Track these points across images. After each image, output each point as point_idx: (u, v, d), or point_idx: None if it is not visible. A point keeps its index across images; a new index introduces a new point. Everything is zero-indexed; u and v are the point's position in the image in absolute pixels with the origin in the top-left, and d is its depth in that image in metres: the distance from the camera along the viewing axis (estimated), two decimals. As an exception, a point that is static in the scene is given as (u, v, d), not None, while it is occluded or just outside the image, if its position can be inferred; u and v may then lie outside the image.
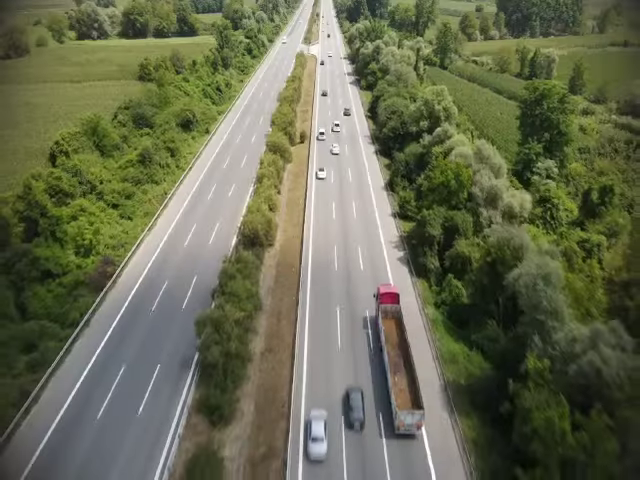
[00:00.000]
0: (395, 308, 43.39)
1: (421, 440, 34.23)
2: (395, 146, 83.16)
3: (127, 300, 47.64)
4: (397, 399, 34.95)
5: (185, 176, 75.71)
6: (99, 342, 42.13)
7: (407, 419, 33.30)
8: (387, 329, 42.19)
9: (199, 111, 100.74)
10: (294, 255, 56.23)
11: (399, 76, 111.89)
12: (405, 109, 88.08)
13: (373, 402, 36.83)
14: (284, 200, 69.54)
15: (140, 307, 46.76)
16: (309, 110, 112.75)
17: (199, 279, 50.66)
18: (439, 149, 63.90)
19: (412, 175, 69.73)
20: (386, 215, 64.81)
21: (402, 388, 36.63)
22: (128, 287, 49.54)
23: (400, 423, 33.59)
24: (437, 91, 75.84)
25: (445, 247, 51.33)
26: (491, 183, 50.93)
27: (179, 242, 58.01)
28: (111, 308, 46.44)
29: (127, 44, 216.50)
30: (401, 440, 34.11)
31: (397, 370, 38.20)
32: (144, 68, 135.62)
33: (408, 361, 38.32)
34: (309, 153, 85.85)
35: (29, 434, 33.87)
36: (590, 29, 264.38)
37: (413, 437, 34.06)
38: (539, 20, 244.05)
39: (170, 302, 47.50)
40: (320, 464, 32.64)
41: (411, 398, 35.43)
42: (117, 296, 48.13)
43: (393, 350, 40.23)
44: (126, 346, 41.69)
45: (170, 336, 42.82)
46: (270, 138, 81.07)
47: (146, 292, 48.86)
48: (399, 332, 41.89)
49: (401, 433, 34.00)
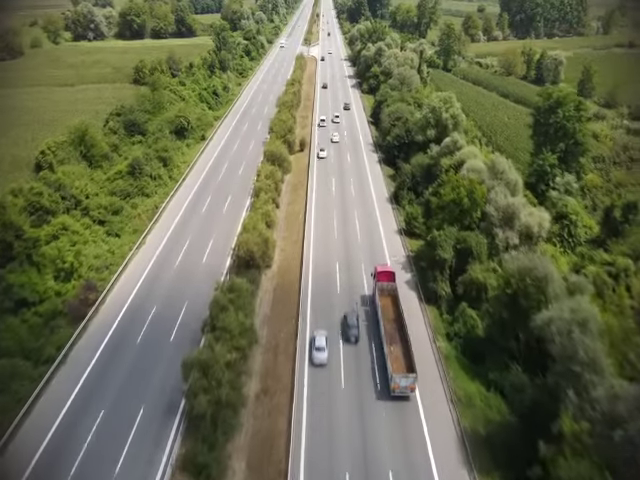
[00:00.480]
0: (391, 286, 46.09)
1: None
2: (400, 155, 78.94)
3: (110, 331, 43.42)
4: (392, 365, 38.13)
5: (178, 188, 71.52)
6: (75, 383, 37.89)
7: (402, 382, 36.58)
8: (384, 305, 44.76)
9: (195, 117, 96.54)
10: (293, 277, 52.02)
11: (402, 80, 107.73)
12: (410, 115, 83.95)
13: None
14: (282, 214, 65.36)
15: (124, 339, 42.55)
16: (309, 116, 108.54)
17: (190, 305, 46.49)
18: (448, 161, 59.71)
19: (419, 188, 65.54)
20: (391, 232, 60.61)
21: (397, 356, 39.61)
22: (111, 316, 45.32)
23: (395, 385, 36.83)
24: (444, 98, 71.62)
25: (457, 271, 47.15)
26: (507, 201, 46.74)
27: (170, 262, 53.82)
28: (91, 341, 42.22)
29: (123, 45, 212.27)
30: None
31: (393, 341, 41.15)
32: (139, 71, 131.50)
33: (403, 333, 41.29)
34: (309, 162, 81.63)
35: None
36: (595, 30, 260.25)
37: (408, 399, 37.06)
38: (543, 21, 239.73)
39: (157, 333, 43.30)
40: (322, 367, 39.91)
41: (405, 364, 38.57)
42: (99, 327, 43.91)
43: (389, 324, 42.99)
44: (106, 388, 37.45)
45: (155, 375, 38.60)
46: (268, 147, 76.89)
47: (131, 321, 44.65)
48: (395, 308, 44.62)
49: (396, 395, 37.08)
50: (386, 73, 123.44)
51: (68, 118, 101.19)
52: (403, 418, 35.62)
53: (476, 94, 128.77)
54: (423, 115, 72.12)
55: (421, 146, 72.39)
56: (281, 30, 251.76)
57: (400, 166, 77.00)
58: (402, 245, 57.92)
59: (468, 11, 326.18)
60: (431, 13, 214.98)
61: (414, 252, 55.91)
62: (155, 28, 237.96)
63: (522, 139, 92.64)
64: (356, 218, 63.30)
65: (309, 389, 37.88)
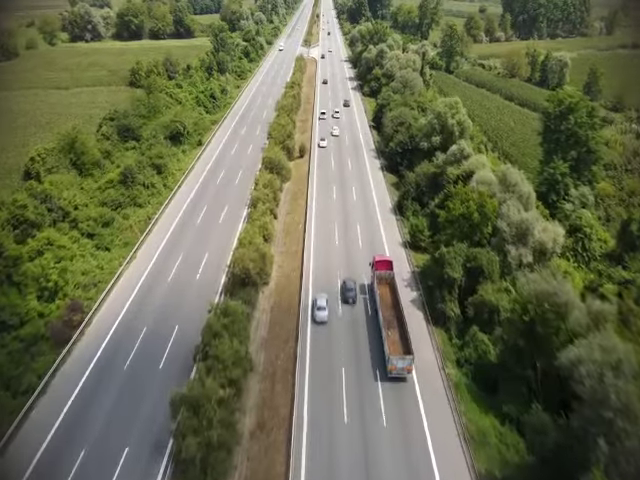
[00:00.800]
0: (389, 274, 47.74)
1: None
2: (403, 162, 76.05)
3: (95, 357, 40.48)
4: (390, 348, 39.54)
5: (172, 197, 68.52)
6: (56, 416, 34.94)
7: (398, 363, 37.99)
8: (382, 293, 46.25)
9: (191, 121, 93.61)
10: (292, 295, 49.09)
11: (405, 83, 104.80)
12: (413, 121, 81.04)
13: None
14: (281, 226, 62.41)
15: (110, 366, 39.60)
16: (309, 119, 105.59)
17: (182, 327, 43.55)
18: (455, 171, 56.77)
19: (424, 198, 62.63)
20: (395, 244, 57.66)
21: (395, 340, 41.23)
22: (98, 339, 42.38)
23: (392, 367, 38.22)
24: (450, 103, 68.69)
25: (467, 291, 44.23)
26: (521, 217, 43.80)
27: (162, 278, 50.87)
28: (75, 368, 39.28)
29: (121, 46, 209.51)
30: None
31: (390, 326, 42.73)
32: (135, 73, 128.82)
33: (400, 319, 42.78)
34: (309, 169, 78.68)
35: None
36: (598, 30, 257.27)
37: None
38: (546, 21, 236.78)
39: (146, 359, 40.35)
40: (323, 324, 44.36)
41: (402, 347, 40.16)
42: (83, 351, 40.98)
43: (387, 310, 44.51)
44: (88, 423, 34.48)
45: (142, 408, 35.63)
46: (266, 153, 73.99)
47: (118, 346, 41.71)
48: (392, 295, 46.19)
49: (393, 376, 38.47)
50: (388, 75, 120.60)
51: (62, 122, 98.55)
52: (411, 458, 32.67)
53: (480, 97, 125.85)
54: (428, 121, 69.19)
55: (426, 153, 69.45)
56: (280, 31, 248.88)
57: (403, 174, 74.38)
58: (407, 259, 54.97)
59: (469, 11, 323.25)
60: (433, 14, 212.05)
61: (419, 267, 53.00)
62: (153, 29, 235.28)
63: (529, 144, 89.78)
64: (358, 230, 60.35)
65: (309, 421, 35.01)
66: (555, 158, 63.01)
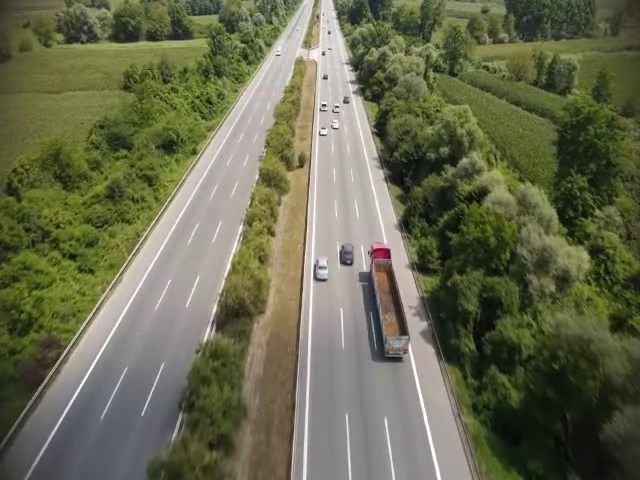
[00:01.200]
0: (387, 262, 49.96)
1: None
2: (408, 173, 71.92)
3: (70, 402, 36.21)
4: (387, 329, 41.23)
5: (163, 212, 64.32)
6: (23, 474, 30.80)
7: (395, 343, 39.60)
8: (379, 279, 48.41)
9: (186, 127, 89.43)
10: (290, 326, 44.88)
11: (409, 87, 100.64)
12: (418, 129, 76.90)
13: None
14: (279, 244, 58.19)
15: (85, 413, 35.33)
16: (309, 125, 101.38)
17: (168, 365, 39.38)
18: (467, 187, 52.54)
19: (432, 214, 58.42)
20: (403, 266, 53.39)
21: (392, 323, 42.84)
22: (74, 379, 38.16)
23: (389, 347, 39.81)
24: (459, 112, 64.51)
25: (483, 324, 40.06)
26: (543, 243, 39.59)
27: (148, 306, 46.66)
28: (46, 415, 35.02)
29: (117, 48, 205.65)
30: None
31: (387, 310, 44.33)
32: (129, 77, 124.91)
33: (397, 303, 44.53)
34: (309, 181, 74.48)
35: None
36: (603, 32, 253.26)
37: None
38: (550, 22, 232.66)
39: (126, 404, 36.09)
40: (324, 281, 50.61)
41: (398, 328, 41.80)
42: (57, 396, 36.68)
43: (385, 295, 46.26)
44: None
45: (120, 468, 31.43)
46: (264, 164, 69.76)
47: (97, 387, 37.48)
48: (390, 281, 48.19)
49: (390, 356, 40.11)
50: (390, 79, 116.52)
51: (51, 129, 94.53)
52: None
53: (486, 101, 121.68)
54: (435, 131, 64.98)
55: (433, 165, 65.25)
56: (280, 32, 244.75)
57: (409, 185, 70.40)
58: (415, 283, 50.77)
59: (471, 12, 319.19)
60: (435, 15, 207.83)
61: (429, 292, 48.83)
62: (150, 30, 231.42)
63: (539, 153, 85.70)
64: (362, 250, 56.10)
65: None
66: (572, 171, 58.79)
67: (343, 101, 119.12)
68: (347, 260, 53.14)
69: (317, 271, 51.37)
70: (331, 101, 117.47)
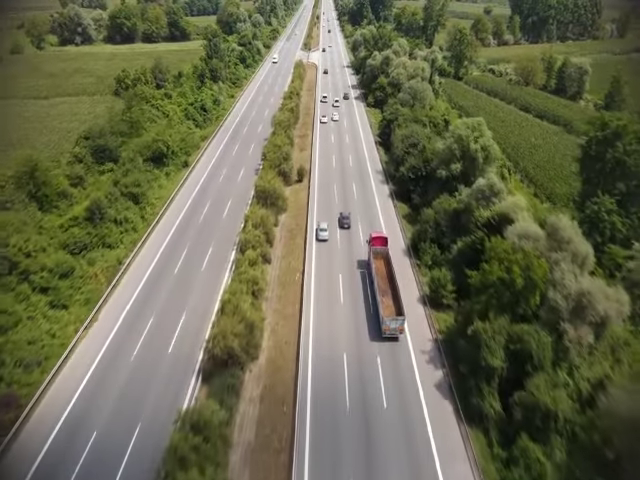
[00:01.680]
0: (384, 249, 51.57)
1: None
2: (416, 190, 66.36)
3: (28, 477, 30.80)
4: (384, 311, 42.87)
5: (149, 234, 58.79)
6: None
7: (391, 324, 41.43)
8: (377, 266, 50.11)
9: (178, 137, 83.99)
10: (286, 377, 39.33)
11: (414, 94, 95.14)
12: (426, 141, 71.39)
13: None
14: (275, 273, 52.65)
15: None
16: (309, 134, 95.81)
17: (144, 429, 33.85)
18: (485, 212, 46.96)
19: (443, 239, 52.86)
20: (413, 301, 47.84)
21: (388, 305, 44.22)
22: (33, 446, 32.63)
23: (386, 327, 41.72)
24: (472, 125, 59.00)
25: (509, 380, 34.54)
26: (580, 287, 34.10)
27: (125, 351, 41.11)
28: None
29: (112, 50, 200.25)
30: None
31: (384, 294, 45.74)
32: (121, 82, 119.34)
33: (394, 288, 45.95)
34: (309, 197, 68.95)
35: None
36: (609, 33, 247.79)
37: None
38: (556, 23, 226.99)
39: None
40: (324, 241, 57.09)
41: (395, 310, 43.30)
42: (12, 469, 31.28)
43: (382, 280, 47.91)
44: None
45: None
46: (260, 182, 64.26)
47: (57, 460, 31.84)
48: (387, 268, 49.76)
49: (387, 336, 42.02)
50: (394, 84, 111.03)
51: (36, 138, 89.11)
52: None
53: (494, 107, 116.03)
54: (447, 146, 59.42)
55: (444, 183, 59.70)
56: (279, 33, 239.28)
57: (417, 203, 65.00)
58: (427, 322, 45.21)
59: (474, 13, 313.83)
60: (438, 16, 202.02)
61: (443, 333, 43.31)
62: (146, 32, 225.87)
63: (555, 166, 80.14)
64: (368, 283, 50.64)
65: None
66: (598, 192, 53.23)
67: (343, 97, 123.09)
68: (344, 225, 60.49)
69: (318, 233, 58.13)
70: (331, 97, 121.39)
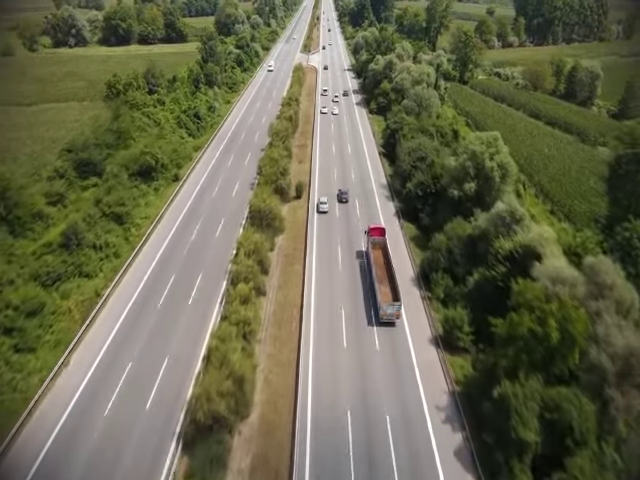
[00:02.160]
0: (382, 240, 52.99)
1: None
2: (425, 209, 61.04)
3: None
4: (382, 297, 44.58)
5: (133, 259, 53.43)
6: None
7: (388, 309, 43.17)
8: (375, 255, 51.47)
9: (170, 148, 78.75)
10: (281, 441, 33.97)
11: (420, 102, 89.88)
12: (435, 154, 66.19)
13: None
14: (270, 308, 47.26)
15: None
16: (308, 144, 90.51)
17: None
18: (506, 244, 41.56)
19: (457, 268, 47.51)
20: (424, 339, 42.55)
21: (385, 292, 45.75)
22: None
23: (383, 313, 43.42)
24: (488, 140, 53.70)
25: (544, 456, 29.21)
26: (628, 342, 28.79)
27: (98, 406, 35.71)
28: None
29: (106, 53, 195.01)
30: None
31: (382, 282, 47.29)
32: (111, 87, 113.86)
33: (391, 277, 47.12)
34: (308, 216, 63.57)
35: None
36: (615, 34, 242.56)
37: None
38: (562, 25, 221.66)
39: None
40: (325, 213, 63.97)
41: (392, 296, 44.75)
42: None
43: (380, 269, 49.35)
44: None
45: None
46: (254, 200, 58.95)
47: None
48: (384, 257, 51.17)
49: (384, 321, 43.63)
50: (398, 90, 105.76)
51: (18, 149, 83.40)
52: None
53: (502, 114, 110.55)
54: (459, 163, 54.10)
55: (456, 204, 54.38)
56: (278, 35, 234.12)
57: (426, 224, 59.69)
58: (442, 369, 39.82)
59: (475, 14, 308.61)
60: (442, 17, 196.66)
61: (460, 384, 37.97)
62: (142, 33, 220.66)
63: (571, 180, 74.69)
64: (372, 312, 45.29)
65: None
66: (630, 216, 47.96)
67: (343, 94, 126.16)
68: (342, 199, 67.13)
69: (319, 206, 64.19)
70: (331, 92, 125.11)
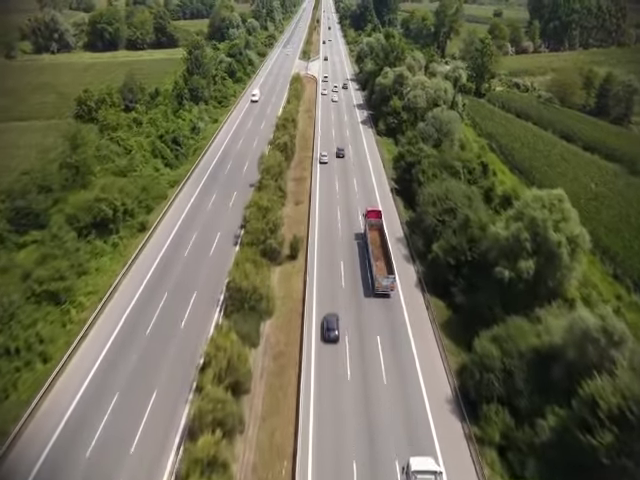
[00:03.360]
0: (378, 222, 57.71)
1: None
2: (458, 281, 46.52)
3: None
4: (377, 271, 48.53)
5: (66, 362, 39.05)
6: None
7: (383, 281, 46.64)
8: (372, 236, 55.75)
9: (139, 186, 64.58)
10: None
11: (439, 126, 75.54)
12: (466, 203, 51.91)
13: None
14: (248, 457, 32.71)
15: None
16: (306, 178, 75.96)
17: None
18: (612, 396, 26.85)
19: (519, 399, 32.94)
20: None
21: (381, 267, 49.83)
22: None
23: (378, 285, 46.93)
24: (550, 202, 39.38)
25: None
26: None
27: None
28: None
29: (90, 59, 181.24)
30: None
31: (378, 259, 51.13)
32: (82, 104, 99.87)
33: (386, 255, 50.99)
34: (305, 288, 49.06)
35: None
36: (634, 38, 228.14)
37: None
38: (579, 29, 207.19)
39: None
40: (325, 164, 78.09)
41: (386, 270, 48.72)
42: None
43: (376, 248, 53.25)
44: None
45: None
46: (235, 273, 44.45)
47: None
48: (380, 237, 55.55)
49: (379, 293, 47.16)
50: (409, 109, 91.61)
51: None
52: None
53: (531, 136, 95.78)
54: (511, 233, 39.66)
55: (508, 287, 39.93)
56: (276, 40, 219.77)
57: (459, 303, 45.31)
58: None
59: (482, 16, 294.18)
60: (452, 21, 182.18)
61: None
62: (131, 38, 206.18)
63: (631, 228, 60.38)
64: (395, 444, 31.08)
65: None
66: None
67: (342, 86, 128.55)
68: (340, 154, 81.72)
69: (320, 158, 78.50)
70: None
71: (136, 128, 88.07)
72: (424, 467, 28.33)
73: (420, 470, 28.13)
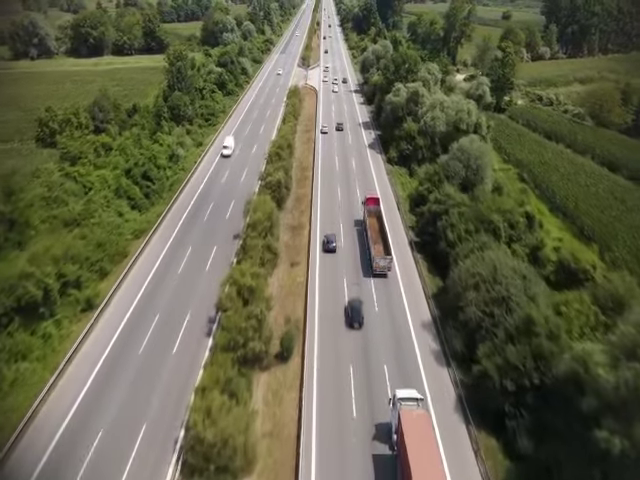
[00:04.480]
0: (377, 208, 60.19)
1: None
2: (518, 421, 32.33)
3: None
4: (375, 252, 51.14)
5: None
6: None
7: (381, 262, 49.54)
8: (370, 222, 58.56)
9: (92, 244, 50.83)
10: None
11: (467, 162, 61.49)
12: (520, 287, 37.89)
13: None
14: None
15: None
16: (305, 225, 61.63)
17: None
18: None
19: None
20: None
21: (379, 250, 52.06)
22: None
23: (376, 265, 49.86)
24: None
25: None
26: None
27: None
28: None
29: (71, 66, 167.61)
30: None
31: (376, 242, 53.46)
32: (44, 125, 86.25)
33: (384, 239, 53.49)
34: (301, 415, 35.00)
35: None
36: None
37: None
38: (598, 33, 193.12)
39: None
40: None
41: (384, 252, 51.19)
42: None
43: (374, 233, 55.85)
44: None
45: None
46: (198, 415, 30.34)
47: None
48: (378, 222, 58.30)
49: (377, 273, 50.02)
50: (425, 133, 77.65)
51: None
52: None
53: (570, 166, 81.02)
54: (624, 380, 25.50)
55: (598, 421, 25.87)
56: (273, 44, 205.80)
57: (524, 449, 31.45)
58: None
59: (490, 18, 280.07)
60: (463, 25, 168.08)
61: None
62: (117, 43, 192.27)
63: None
64: None
65: None
66: None
67: (342, 81, 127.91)
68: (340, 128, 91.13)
69: (322, 128, 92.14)
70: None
71: (104, 156, 74.21)
72: (408, 395, 32.40)
73: (404, 397, 32.08)
